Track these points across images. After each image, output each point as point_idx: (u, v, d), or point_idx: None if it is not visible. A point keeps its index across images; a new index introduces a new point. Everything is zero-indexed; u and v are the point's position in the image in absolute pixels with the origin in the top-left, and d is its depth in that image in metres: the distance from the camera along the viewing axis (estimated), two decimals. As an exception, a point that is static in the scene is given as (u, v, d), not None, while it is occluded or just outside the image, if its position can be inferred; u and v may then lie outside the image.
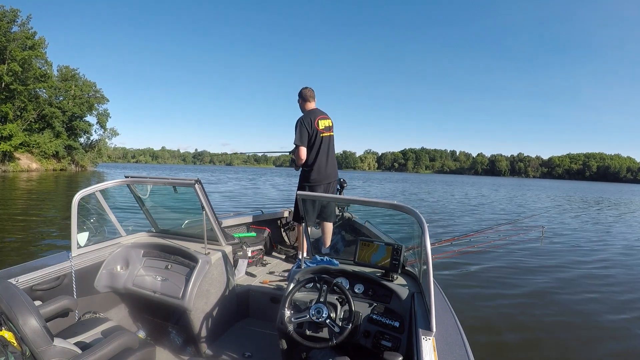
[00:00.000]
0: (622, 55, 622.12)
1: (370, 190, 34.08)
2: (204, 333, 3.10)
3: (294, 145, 4.46)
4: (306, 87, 4.62)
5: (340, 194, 4.84)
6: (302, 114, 4.55)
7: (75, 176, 41.47)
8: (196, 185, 3.05)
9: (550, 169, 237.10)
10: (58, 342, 2.00)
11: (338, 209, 5.12)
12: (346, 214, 5.46)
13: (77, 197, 3.01)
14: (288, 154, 4.75)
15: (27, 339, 1.86)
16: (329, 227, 4.59)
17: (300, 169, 4.63)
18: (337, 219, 5.14)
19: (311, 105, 4.60)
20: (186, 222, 4.05)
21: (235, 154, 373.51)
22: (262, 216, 5.25)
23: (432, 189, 40.01)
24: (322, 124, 4.50)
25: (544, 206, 25.10)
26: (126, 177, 3.37)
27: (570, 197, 37.34)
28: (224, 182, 32.53)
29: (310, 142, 4.44)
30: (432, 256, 2.16)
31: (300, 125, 4.41)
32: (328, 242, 4.59)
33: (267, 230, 5.02)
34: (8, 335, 1.88)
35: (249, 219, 5.07)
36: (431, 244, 2.17)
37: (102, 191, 3.33)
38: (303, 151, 4.41)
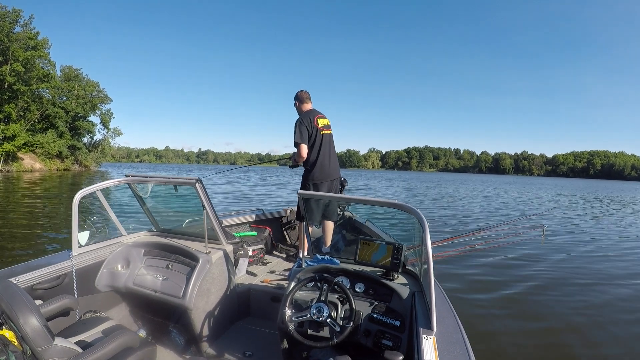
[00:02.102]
0: (628, 53, 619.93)
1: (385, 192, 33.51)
2: (204, 332, 3.11)
3: (295, 145, 4.44)
4: (301, 90, 4.64)
5: (341, 193, 4.83)
6: (300, 116, 4.55)
7: (78, 176, 41.56)
8: (197, 185, 3.05)
9: (555, 167, 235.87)
10: (59, 341, 2.01)
11: (339, 208, 5.12)
12: (347, 213, 5.45)
13: (77, 197, 3.02)
14: (289, 159, 4.76)
15: (28, 338, 1.86)
16: (330, 226, 4.59)
17: (300, 166, 4.64)
18: (338, 218, 5.14)
19: (308, 106, 4.61)
20: (187, 221, 4.04)
21: (238, 153, 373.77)
22: (263, 215, 5.25)
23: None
24: (321, 122, 4.51)
25: (546, 205, 25.02)
26: (127, 176, 3.37)
27: (573, 196, 37.22)
28: (228, 182, 32.27)
29: (311, 140, 4.43)
30: (433, 255, 2.15)
31: (299, 124, 4.39)
32: (329, 241, 4.58)
33: (268, 230, 5.02)
34: (9, 334, 1.89)
35: (249, 218, 5.08)
36: (432, 242, 2.17)
37: (103, 190, 3.33)
38: (304, 149, 4.40)
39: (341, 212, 5.33)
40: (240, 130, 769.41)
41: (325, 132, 4.53)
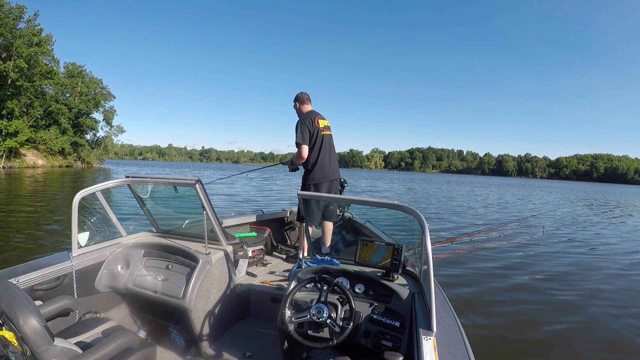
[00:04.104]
0: (634, 55, 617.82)
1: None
2: (204, 333, 3.11)
3: (296, 145, 4.45)
4: (301, 92, 4.66)
5: (341, 194, 4.84)
6: (301, 117, 4.56)
7: (80, 173, 41.60)
8: (197, 185, 3.05)
9: (558, 170, 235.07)
10: (58, 342, 2.00)
11: (338, 208, 5.13)
12: (347, 214, 5.44)
13: (77, 197, 3.02)
14: (288, 163, 4.77)
15: (27, 338, 1.86)
16: (330, 226, 4.59)
17: (298, 170, 4.66)
18: (337, 219, 5.14)
19: (308, 107, 4.63)
20: (187, 222, 4.04)
21: (241, 151, 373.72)
22: (263, 216, 5.25)
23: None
24: (322, 123, 4.53)
25: (546, 206, 24.99)
26: (127, 176, 3.37)
27: (574, 198, 37.15)
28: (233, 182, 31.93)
29: (312, 140, 4.45)
30: (432, 256, 2.15)
31: (301, 124, 4.42)
32: (328, 242, 4.58)
33: (268, 230, 5.02)
34: (9, 335, 1.89)
35: (249, 219, 5.08)
36: (432, 243, 2.17)
37: (103, 191, 3.33)
38: (305, 149, 4.41)
39: (341, 213, 5.33)
40: (243, 129, 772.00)
41: (326, 133, 4.55)
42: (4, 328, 1.91)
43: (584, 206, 26.93)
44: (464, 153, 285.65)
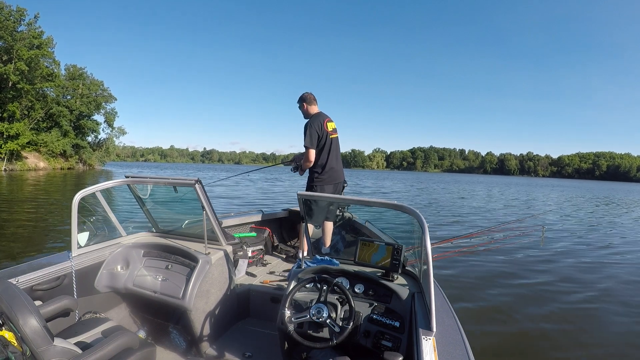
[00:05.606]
0: (635, 55, 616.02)
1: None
2: (204, 333, 3.11)
3: (305, 148, 4.45)
4: (307, 92, 4.64)
5: (340, 194, 4.85)
6: (309, 118, 4.55)
7: (82, 175, 41.67)
8: (196, 185, 3.06)
9: (560, 168, 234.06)
10: (58, 342, 2.01)
11: (338, 208, 5.13)
12: (346, 214, 5.44)
13: (77, 197, 3.03)
14: (291, 162, 4.75)
15: (27, 339, 1.87)
16: (330, 226, 4.60)
17: (306, 171, 4.66)
18: (337, 219, 5.14)
19: (315, 108, 4.62)
20: (186, 222, 4.04)
21: (243, 152, 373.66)
22: (263, 216, 5.25)
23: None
24: (330, 126, 4.54)
25: (546, 206, 24.94)
26: (126, 176, 3.38)
27: (574, 197, 37.06)
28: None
29: (321, 144, 4.47)
30: (432, 256, 2.15)
31: (310, 127, 4.41)
32: (328, 242, 4.59)
33: (268, 230, 5.02)
34: (8, 335, 1.90)
35: (249, 219, 5.08)
36: (431, 244, 2.17)
37: (103, 191, 3.34)
38: (313, 153, 4.43)
39: (340, 213, 5.33)
40: (245, 130, 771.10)
41: (333, 136, 4.57)
42: (3, 328, 1.92)
43: (583, 204, 26.86)
44: (466, 152, 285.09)
